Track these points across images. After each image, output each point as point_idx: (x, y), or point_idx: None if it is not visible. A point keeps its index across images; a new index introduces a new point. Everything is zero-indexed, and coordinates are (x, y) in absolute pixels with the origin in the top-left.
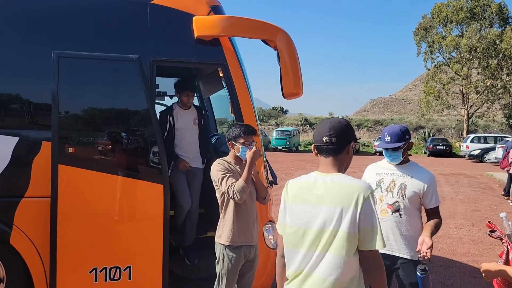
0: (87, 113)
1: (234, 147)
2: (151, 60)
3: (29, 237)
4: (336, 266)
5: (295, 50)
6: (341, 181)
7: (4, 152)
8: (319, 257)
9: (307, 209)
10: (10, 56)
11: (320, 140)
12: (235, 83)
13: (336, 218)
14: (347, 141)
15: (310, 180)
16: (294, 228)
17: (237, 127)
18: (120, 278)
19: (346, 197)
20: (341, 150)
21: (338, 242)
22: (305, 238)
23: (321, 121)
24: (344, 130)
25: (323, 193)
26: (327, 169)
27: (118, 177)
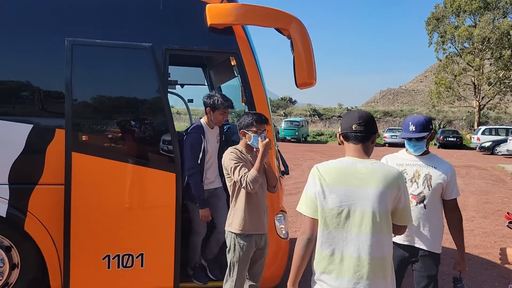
0: (100, 101)
1: (246, 135)
2: (164, 48)
3: (43, 224)
4: (381, 244)
5: (309, 39)
6: (381, 166)
7: (18, 139)
8: (366, 237)
9: (351, 192)
10: (24, 44)
11: (349, 127)
12: (247, 72)
13: (383, 199)
14: (373, 130)
15: (348, 165)
16: (336, 210)
17: (249, 116)
18: (132, 266)
19: (390, 180)
20: (368, 138)
21: (383, 222)
22: (349, 219)
23: (349, 111)
24: (371, 121)
25: (367, 177)
26: (360, 155)
27: (131, 165)
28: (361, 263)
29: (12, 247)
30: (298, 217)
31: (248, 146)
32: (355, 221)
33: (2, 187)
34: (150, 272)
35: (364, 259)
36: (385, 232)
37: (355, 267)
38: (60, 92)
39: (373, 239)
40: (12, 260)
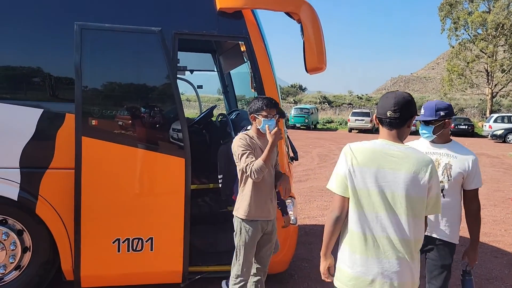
0: (109, 86)
1: (256, 120)
2: (173, 32)
3: (54, 207)
4: (410, 227)
5: (320, 23)
6: (414, 151)
7: (28, 124)
8: (395, 219)
9: (383, 174)
10: (33, 28)
11: (383, 113)
12: (257, 57)
13: (414, 184)
14: (410, 115)
15: (381, 147)
16: (367, 191)
17: (260, 100)
18: (142, 249)
19: (422, 166)
20: (403, 124)
21: (413, 206)
22: (380, 201)
23: (386, 94)
24: (408, 106)
25: (400, 160)
26: (393, 139)
27: (140, 150)
28: (389, 244)
29: (24, 231)
30: (307, 203)
31: (259, 132)
32: (385, 202)
33: (14, 171)
34: (159, 256)
35: (393, 240)
36: (415, 216)
37: (384, 247)
38: (70, 77)
39: (403, 221)
40: (24, 243)
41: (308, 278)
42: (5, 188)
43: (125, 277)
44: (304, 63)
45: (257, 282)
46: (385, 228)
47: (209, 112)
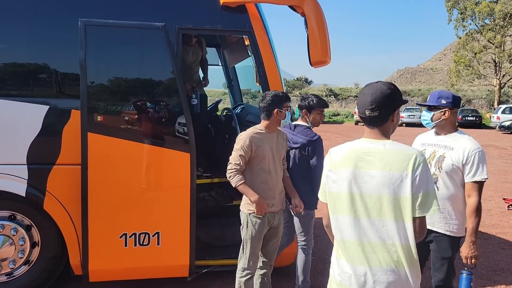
0: (114, 81)
1: (279, 113)
2: (176, 27)
3: (61, 203)
4: (391, 231)
5: (323, 16)
6: (394, 147)
7: (35, 120)
8: (373, 223)
9: (357, 175)
10: (39, 26)
11: (362, 112)
12: (261, 51)
13: (392, 184)
14: (391, 110)
15: (361, 147)
16: (341, 194)
17: (279, 93)
18: (149, 244)
19: (401, 163)
20: (385, 120)
21: (392, 208)
22: (355, 204)
23: (363, 89)
24: (387, 100)
25: (376, 159)
26: (374, 136)
27: (146, 145)
28: (371, 249)
29: (32, 226)
30: None
31: (272, 127)
32: (363, 205)
33: (21, 167)
34: (166, 250)
35: (374, 246)
36: (397, 218)
37: (364, 253)
38: (75, 73)
39: (384, 224)
40: (33, 239)
41: (315, 271)
42: (13, 184)
43: (132, 271)
44: (308, 57)
45: (263, 275)
46: (365, 232)
47: (214, 106)
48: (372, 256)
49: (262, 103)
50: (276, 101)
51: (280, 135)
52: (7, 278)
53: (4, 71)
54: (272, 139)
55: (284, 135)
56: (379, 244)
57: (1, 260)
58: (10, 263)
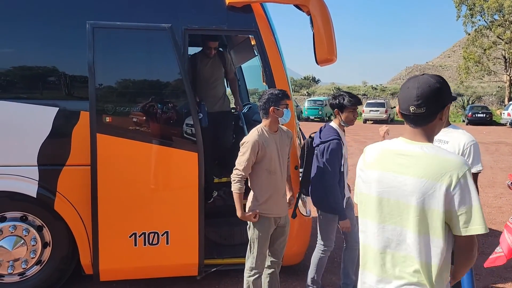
0: (122, 83)
1: (276, 112)
2: (183, 28)
3: (72, 203)
4: (418, 246)
5: (329, 15)
6: (432, 152)
7: (45, 122)
8: (399, 233)
9: (387, 178)
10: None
11: (406, 108)
12: (267, 51)
13: (422, 193)
14: (440, 106)
15: (394, 147)
16: (370, 196)
17: (275, 91)
18: (158, 243)
19: (437, 171)
20: (432, 118)
21: (418, 220)
22: (382, 209)
23: (407, 82)
24: (436, 96)
25: (410, 163)
26: (414, 137)
27: (154, 145)
28: (389, 260)
29: (44, 226)
30: None
31: (272, 125)
32: (387, 212)
33: (32, 169)
34: (175, 249)
35: (395, 257)
36: (425, 233)
37: (385, 264)
38: (84, 75)
39: (409, 236)
40: (44, 239)
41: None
42: (24, 185)
43: (142, 270)
44: (314, 55)
45: (271, 274)
46: (388, 242)
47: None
48: (393, 268)
49: (259, 102)
50: (272, 99)
51: (284, 134)
52: (20, 278)
53: (15, 74)
54: (276, 139)
55: (290, 133)
56: (401, 256)
57: (13, 260)
58: (22, 263)
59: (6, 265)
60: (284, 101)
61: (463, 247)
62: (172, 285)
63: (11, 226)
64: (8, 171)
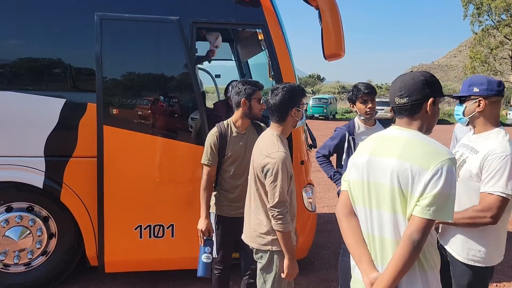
0: (129, 75)
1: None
2: (191, 21)
3: (77, 195)
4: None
5: (338, 9)
6: (420, 138)
7: (52, 114)
8: (385, 215)
9: (375, 162)
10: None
11: (392, 101)
12: (275, 45)
13: (405, 176)
14: (424, 98)
15: (385, 133)
16: (358, 181)
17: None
18: (163, 236)
19: (424, 157)
20: (416, 109)
21: (402, 202)
22: (370, 193)
23: (397, 78)
24: (419, 86)
25: (396, 146)
26: (404, 125)
27: (160, 138)
28: (379, 245)
29: (50, 217)
30: (326, 192)
31: (286, 131)
32: (374, 195)
33: (38, 160)
34: (180, 242)
35: (384, 241)
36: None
37: (374, 247)
38: (91, 67)
39: (392, 218)
40: (50, 230)
41: (328, 265)
42: (31, 176)
43: (147, 262)
44: (322, 50)
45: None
46: (376, 225)
47: None
48: (382, 253)
49: (272, 100)
50: (292, 97)
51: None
52: (25, 268)
53: (23, 66)
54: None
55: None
56: (390, 240)
57: (19, 250)
58: (28, 254)
59: (12, 255)
60: (303, 100)
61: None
62: (177, 278)
63: (17, 217)
64: (15, 162)
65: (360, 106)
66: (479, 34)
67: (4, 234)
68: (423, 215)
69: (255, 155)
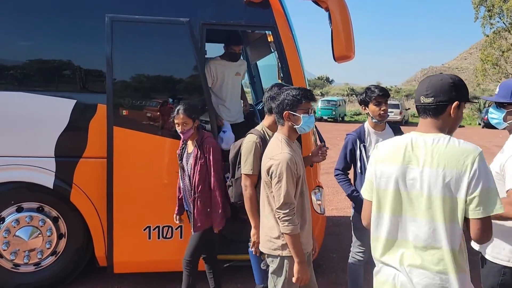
0: (139, 76)
1: (291, 118)
2: (200, 23)
3: (87, 195)
4: (443, 234)
5: (348, 11)
6: (445, 142)
7: (63, 114)
8: (420, 224)
9: (406, 171)
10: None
11: (418, 99)
12: (284, 46)
13: (442, 183)
14: (449, 100)
15: (407, 140)
16: (386, 192)
17: (294, 90)
18: (172, 237)
19: (455, 160)
20: (440, 111)
21: (443, 209)
22: (403, 203)
23: (424, 78)
24: (446, 89)
25: (424, 154)
26: (427, 129)
27: (169, 139)
28: (412, 251)
29: (59, 218)
30: (335, 195)
31: (292, 133)
32: (407, 205)
33: (49, 160)
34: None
35: (418, 247)
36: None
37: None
38: (102, 68)
39: (428, 226)
40: (60, 230)
41: (337, 268)
42: (41, 176)
43: (155, 263)
44: (332, 52)
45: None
46: (409, 234)
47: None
48: (415, 258)
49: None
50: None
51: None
52: (35, 268)
53: (34, 67)
54: (299, 150)
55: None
56: (423, 247)
57: (29, 250)
58: (38, 254)
59: (22, 255)
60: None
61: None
62: None
63: (27, 217)
64: (26, 162)
65: (373, 108)
66: (490, 37)
67: (15, 234)
68: (476, 216)
69: (263, 159)
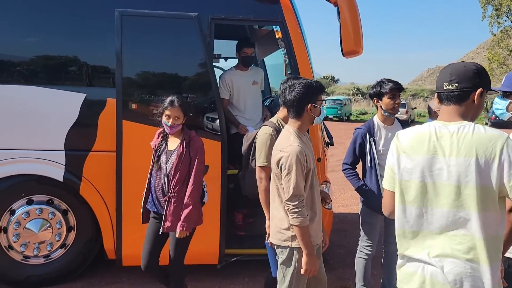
0: (148, 71)
1: (313, 109)
2: (209, 17)
3: (96, 189)
4: (470, 223)
5: (356, 5)
6: (471, 130)
7: (72, 108)
8: (448, 214)
9: (430, 162)
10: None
11: (440, 86)
12: (293, 42)
13: (471, 171)
14: (473, 86)
15: (432, 129)
16: (410, 182)
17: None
18: None
19: (481, 147)
20: (464, 97)
21: (474, 198)
22: (429, 194)
23: (446, 66)
24: (470, 75)
25: (450, 144)
26: (450, 118)
27: None
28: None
29: (69, 211)
30: (341, 192)
31: (302, 127)
32: (433, 195)
33: (59, 153)
34: (196, 237)
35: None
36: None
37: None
38: (111, 62)
39: (457, 216)
40: (69, 223)
41: (344, 263)
42: (51, 169)
43: (163, 257)
44: (340, 47)
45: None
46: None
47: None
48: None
49: (289, 95)
50: (308, 92)
51: (306, 136)
52: (45, 260)
53: (44, 61)
54: (309, 143)
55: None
56: (453, 235)
57: (39, 242)
58: (47, 246)
59: (32, 247)
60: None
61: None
62: (193, 273)
63: (37, 209)
64: (36, 155)
65: (387, 101)
66: (497, 36)
67: (25, 226)
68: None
69: (273, 151)
